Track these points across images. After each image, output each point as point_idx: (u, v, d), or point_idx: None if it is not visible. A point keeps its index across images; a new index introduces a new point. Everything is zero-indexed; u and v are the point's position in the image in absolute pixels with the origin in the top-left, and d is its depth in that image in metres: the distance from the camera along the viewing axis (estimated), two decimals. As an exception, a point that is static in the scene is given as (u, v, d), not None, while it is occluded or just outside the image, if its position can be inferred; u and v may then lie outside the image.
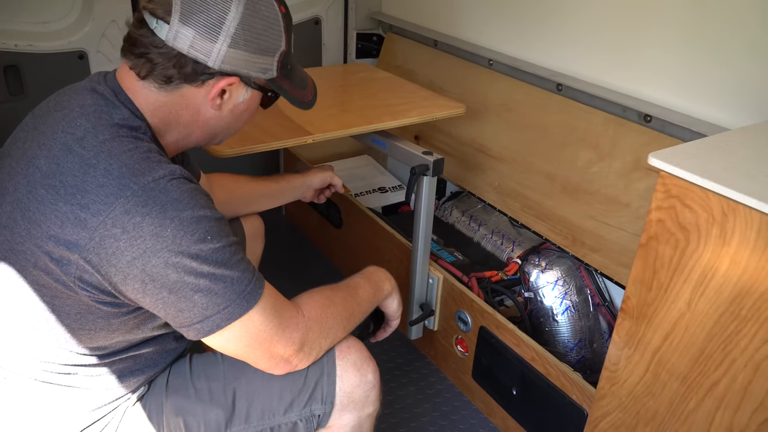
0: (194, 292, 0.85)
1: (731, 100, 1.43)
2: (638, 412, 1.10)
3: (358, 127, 1.61)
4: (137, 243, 0.81)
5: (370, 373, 1.10)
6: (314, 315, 1.01)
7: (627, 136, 1.62)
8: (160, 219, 0.82)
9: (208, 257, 0.85)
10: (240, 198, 1.48)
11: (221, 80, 0.92)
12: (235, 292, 0.88)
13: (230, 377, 1.06)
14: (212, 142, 1.05)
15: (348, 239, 2.19)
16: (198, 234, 0.84)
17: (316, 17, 2.54)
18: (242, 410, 1.04)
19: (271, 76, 0.97)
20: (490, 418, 1.68)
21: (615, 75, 1.69)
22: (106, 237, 0.81)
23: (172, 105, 0.94)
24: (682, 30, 1.49)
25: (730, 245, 0.88)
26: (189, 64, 0.89)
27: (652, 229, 0.98)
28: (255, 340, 0.93)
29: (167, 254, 0.82)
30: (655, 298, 1.01)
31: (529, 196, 1.88)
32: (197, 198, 0.87)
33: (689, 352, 0.98)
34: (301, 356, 0.99)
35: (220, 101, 0.95)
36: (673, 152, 0.96)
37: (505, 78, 1.99)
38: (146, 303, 0.87)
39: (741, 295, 0.88)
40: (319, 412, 1.07)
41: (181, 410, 1.03)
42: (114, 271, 0.83)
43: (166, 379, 1.06)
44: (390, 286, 1.25)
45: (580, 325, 1.78)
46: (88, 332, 0.91)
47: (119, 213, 0.81)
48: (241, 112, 1.01)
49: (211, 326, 0.88)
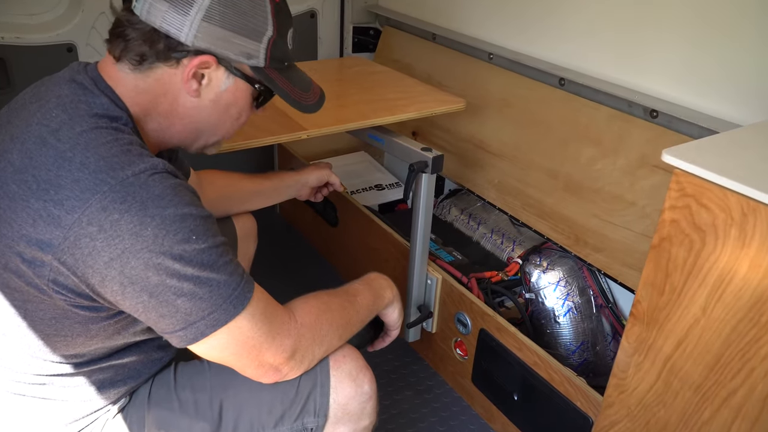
0: (177, 296, 0.79)
1: (742, 95, 1.37)
2: (648, 421, 1.04)
3: (355, 122, 1.56)
4: (115, 243, 0.75)
5: (367, 383, 1.04)
6: (308, 321, 0.95)
7: (632, 132, 1.57)
8: (141, 216, 0.76)
9: (192, 259, 0.79)
10: (231, 196, 1.42)
11: (195, 59, 0.86)
12: (222, 297, 0.82)
13: (217, 388, 1.00)
14: (198, 141, 0.98)
15: (344, 238, 2.14)
16: (182, 233, 0.78)
17: (311, 10, 2.48)
18: (229, 423, 0.98)
19: (258, 64, 0.91)
20: (491, 424, 1.62)
21: (620, 69, 1.64)
22: (81, 236, 0.75)
23: (150, 92, 0.88)
24: (690, 22, 1.44)
25: (750, 247, 0.83)
26: (161, 39, 0.84)
27: (665, 229, 0.93)
28: (242, 348, 0.87)
29: (148, 255, 0.76)
30: (667, 303, 0.96)
31: (530, 193, 1.82)
32: (181, 194, 0.81)
33: (704, 359, 0.93)
34: (292, 364, 0.93)
35: (197, 86, 0.88)
36: (687, 149, 0.91)
37: (506, 72, 1.94)
38: (126, 307, 0.81)
39: (762, 300, 0.83)
40: (312, 425, 1.01)
41: (163, 424, 0.97)
42: (91, 273, 0.77)
43: (148, 390, 1.00)
44: (391, 295, 1.18)
45: (583, 327, 1.73)
46: (64, 339, 0.85)
47: (95, 210, 0.75)
48: (227, 105, 0.94)
49: (195, 334, 0.82)
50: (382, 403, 1.68)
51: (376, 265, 1.93)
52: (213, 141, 0.99)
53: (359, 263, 2.06)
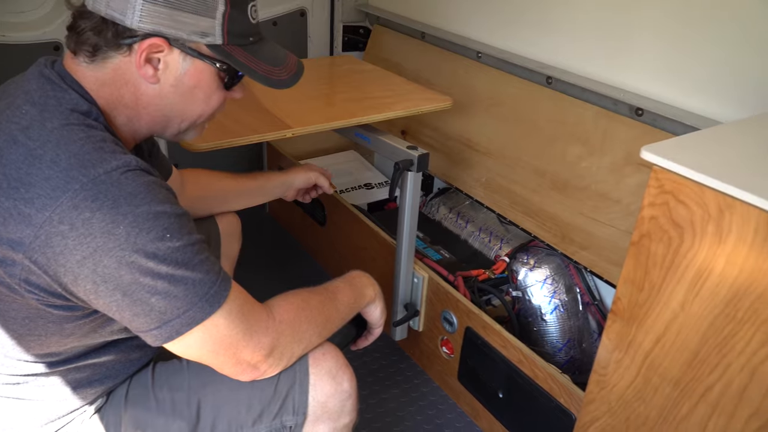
0: (151, 294, 0.78)
1: (725, 93, 1.38)
2: (628, 417, 1.05)
3: (341, 121, 1.56)
4: (87, 241, 0.74)
5: (346, 381, 1.03)
6: (286, 318, 0.94)
7: (618, 131, 1.58)
8: (113, 215, 0.75)
9: (166, 257, 0.78)
10: (215, 195, 1.41)
11: (143, 43, 0.82)
12: (197, 295, 0.81)
13: (195, 387, 0.99)
14: (169, 128, 0.94)
15: (332, 237, 2.14)
16: (155, 231, 0.77)
17: (301, 9, 2.48)
18: (207, 422, 0.98)
19: (215, 41, 0.86)
20: (476, 422, 1.63)
21: (606, 68, 1.64)
22: (52, 234, 0.74)
23: (111, 84, 0.86)
24: (674, 21, 1.44)
25: (726, 243, 0.83)
26: (109, 28, 0.82)
27: (644, 226, 0.93)
28: (219, 346, 0.86)
29: (120, 253, 0.75)
30: (646, 299, 0.96)
31: (517, 192, 1.83)
32: (155, 192, 0.79)
33: (682, 355, 0.93)
34: (270, 362, 0.93)
35: (154, 71, 0.85)
36: (666, 146, 0.91)
37: (494, 71, 1.94)
38: (99, 305, 0.80)
39: (737, 296, 0.83)
40: (291, 423, 1.01)
41: (140, 423, 0.96)
42: (63, 272, 0.76)
43: (125, 390, 0.99)
44: (373, 293, 1.17)
45: (569, 324, 1.73)
46: (38, 338, 0.84)
47: (66, 208, 0.74)
48: (191, 89, 0.89)
49: (170, 332, 0.81)
50: (369, 402, 1.68)
51: (363, 263, 1.92)
52: (186, 126, 0.95)
53: (347, 262, 2.06)
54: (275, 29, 2.43)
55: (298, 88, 1.82)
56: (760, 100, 1.31)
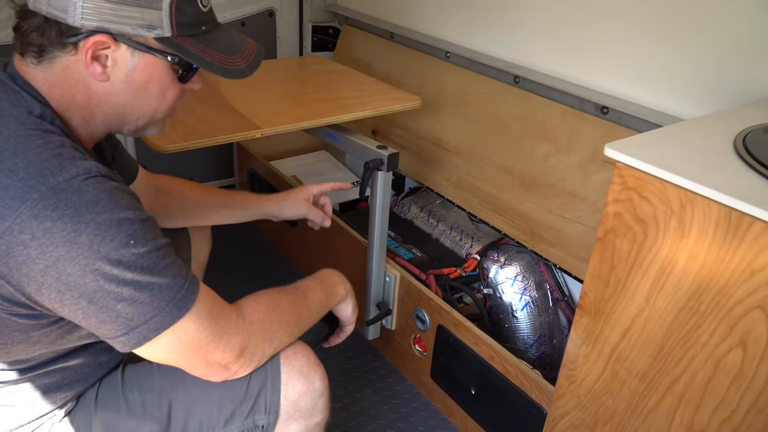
0: (117, 301, 0.77)
1: (686, 91, 1.41)
2: (597, 411, 1.06)
3: (311, 121, 1.55)
4: (49, 250, 0.73)
5: (318, 380, 1.03)
6: (257, 318, 0.94)
7: (584, 129, 1.60)
8: (74, 224, 0.73)
9: (131, 263, 0.76)
10: (194, 212, 1.36)
11: (87, 40, 0.80)
12: (164, 300, 0.80)
13: (165, 388, 0.98)
14: (126, 125, 0.91)
15: (303, 237, 2.13)
16: (119, 238, 0.75)
17: (270, 9, 2.47)
18: (179, 423, 0.97)
19: (162, 34, 0.83)
20: (450, 419, 1.64)
21: (572, 67, 1.66)
22: (13, 244, 0.73)
23: (61, 84, 0.83)
24: (638, 21, 1.47)
25: (688, 238, 0.85)
26: (53, 27, 0.79)
27: (609, 222, 0.95)
28: (189, 349, 0.85)
29: (84, 261, 0.74)
30: (612, 294, 0.98)
31: (487, 190, 1.84)
32: (117, 198, 0.78)
33: (648, 349, 0.95)
34: (241, 362, 0.92)
35: (102, 68, 0.82)
36: (629, 143, 0.92)
37: (463, 70, 1.95)
38: (65, 313, 0.79)
39: (700, 289, 0.85)
40: (263, 422, 1.01)
41: (111, 426, 0.96)
42: (26, 281, 0.75)
43: (95, 393, 0.98)
44: (344, 290, 1.17)
45: (540, 320, 1.75)
46: (5, 347, 0.83)
47: (26, 218, 0.72)
48: (143, 84, 0.86)
49: (137, 338, 0.80)
50: (343, 401, 1.68)
51: (335, 263, 1.92)
52: (144, 122, 0.92)
53: (319, 262, 2.05)
54: (243, 30, 2.42)
55: (267, 89, 1.82)
56: (720, 97, 1.34)
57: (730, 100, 1.31)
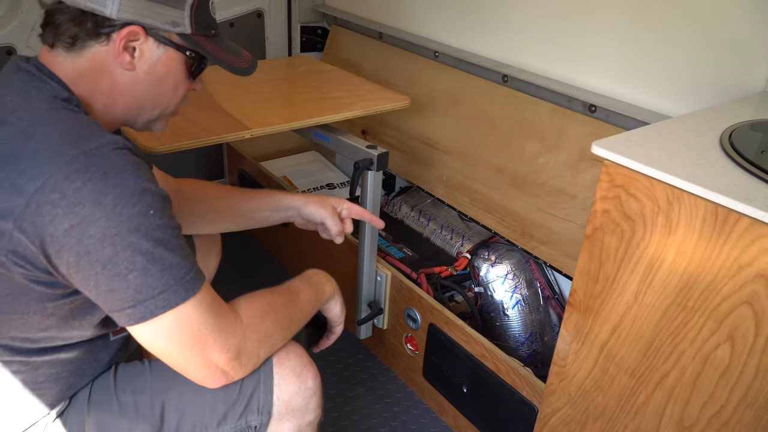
0: (129, 270, 0.79)
1: (673, 89, 1.42)
2: (588, 407, 1.07)
3: (300, 121, 1.56)
4: (76, 210, 0.76)
5: (311, 379, 1.03)
6: (253, 322, 0.94)
7: (572, 127, 1.61)
8: (101, 186, 0.77)
9: (148, 233, 0.80)
10: (221, 212, 1.36)
11: (122, 30, 0.88)
12: (173, 278, 0.82)
13: (158, 389, 0.98)
14: (141, 116, 0.98)
15: (295, 237, 2.13)
16: (140, 206, 0.79)
17: (258, 10, 2.47)
18: (171, 425, 0.97)
19: (185, 31, 0.93)
20: (442, 417, 1.64)
21: (560, 65, 1.67)
22: (43, 203, 0.76)
23: (88, 72, 0.89)
24: (626, 20, 1.48)
25: (675, 234, 0.86)
26: (89, 18, 0.86)
27: (597, 219, 0.96)
28: (188, 338, 0.85)
29: (106, 222, 0.77)
30: (601, 291, 0.98)
31: (477, 189, 1.85)
32: (141, 170, 0.82)
33: (637, 345, 0.96)
34: (236, 366, 0.92)
35: (130, 58, 0.90)
36: (616, 140, 0.93)
37: (452, 70, 1.96)
38: (78, 280, 0.81)
39: (688, 285, 0.86)
40: (256, 423, 1.01)
41: (103, 426, 0.96)
42: (49, 242, 0.77)
43: (88, 393, 0.98)
44: (331, 288, 1.18)
45: (531, 318, 1.76)
46: (21, 316, 0.85)
47: (59, 178, 0.76)
48: (163, 76, 0.94)
49: (143, 312, 0.81)
50: (336, 401, 1.68)
51: (326, 263, 1.92)
52: (156, 115, 1.00)
53: (310, 262, 2.04)
54: (232, 30, 2.41)
55: (256, 89, 1.82)
56: (706, 95, 1.35)
57: (717, 98, 1.32)
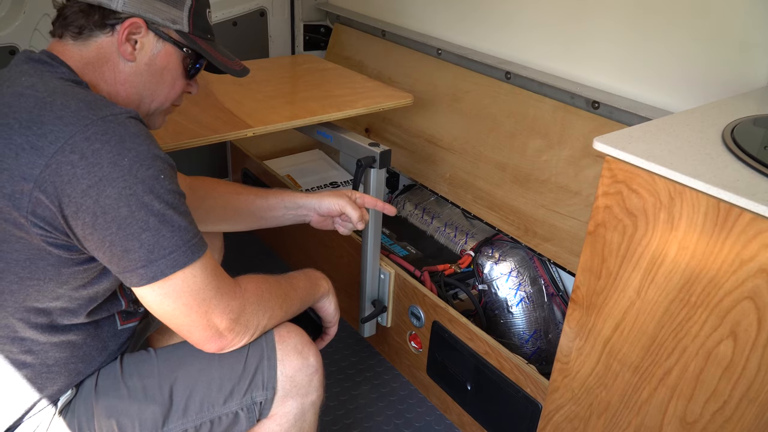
0: (142, 230, 0.83)
1: (675, 84, 1.42)
2: (591, 403, 1.07)
3: (303, 119, 1.56)
4: (94, 170, 0.80)
5: (312, 356, 1.07)
6: (251, 288, 1.00)
7: (575, 123, 1.60)
8: (119, 148, 0.82)
9: (160, 195, 0.84)
10: (232, 209, 1.35)
11: (126, 22, 0.95)
12: (182, 240, 0.86)
13: (165, 372, 1.02)
14: (140, 108, 1.02)
15: (297, 235, 2.13)
16: (153, 169, 0.84)
17: (261, 9, 2.47)
18: (180, 404, 1.00)
19: (183, 29, 1.00)
20: (446, 415, 1.64)
21: (563, 62, 1.67)
22: (63, 163, 0.80)
23: (94, 61, 0.96)
24: (628, 16, 1.47)
25: (677, 230, 0.86)
26: (96, 11, 0.94)
27: (599, 215, 0.95)
28: (194, 299, 0.89)
29: (122, 183, 0.81)
30: (604, 287, 0.98)
31: (480, 186, 1.85)
32: (152, 139, 0.88)
33: (640, 341, 0.95)
34: (237, 330, 0.96)
35: (132, 49, 0.97)
36: (618, 136, 0.93)
37: (454, 67, 1.96)
38: (93, 241, 0.84)
39: (690, 281, 0.86)
40: (261, 398, 1.04)
41: (113, 411, 0.98)
42: (67, 202, 0.81)
43: (94, 382, 1.00)
44: (327, 286, 1.21)
45: (535, 316, 1.76)
46: (37, 282, 0.87)
47: (79, 139, 0.81)
48: (161, 70, 1.01)
49: (155, 272, 0.85)
50: (339, 398, 1.68)
51: (329, 261, 1.93)
52: (154, 108, 1.04)
53: (313, 260, 2.06)
54: (235, 29, 2.42)
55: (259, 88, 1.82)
56: (709, 90, 1.34)
57: (719, 93, 1.32)
